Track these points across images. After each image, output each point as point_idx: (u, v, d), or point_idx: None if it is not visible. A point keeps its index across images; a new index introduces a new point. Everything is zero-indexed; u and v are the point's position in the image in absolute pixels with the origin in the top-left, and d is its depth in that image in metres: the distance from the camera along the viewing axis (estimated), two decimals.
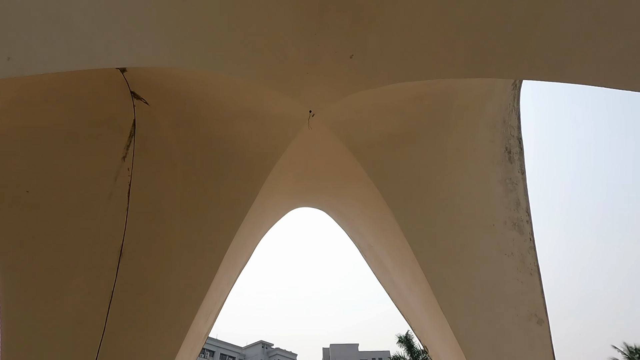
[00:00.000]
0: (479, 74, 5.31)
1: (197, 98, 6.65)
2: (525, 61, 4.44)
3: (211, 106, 6.83)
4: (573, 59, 4.04)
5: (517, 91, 7.00)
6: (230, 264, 7.93)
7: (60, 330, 6.64)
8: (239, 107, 6.75)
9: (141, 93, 6.65)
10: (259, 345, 57.64)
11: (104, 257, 7.08)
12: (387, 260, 8.54)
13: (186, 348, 7.21)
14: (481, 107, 7.20)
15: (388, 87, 6.00)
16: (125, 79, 6.31)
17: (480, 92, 6.96)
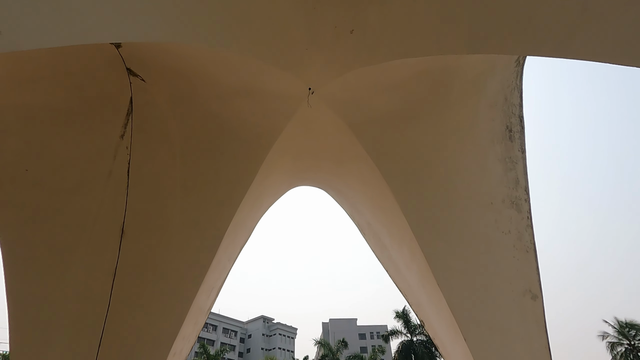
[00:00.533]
0: (482, 49, 5.19)
1: (194, 75, 6.54)
2: (530, 36, 4.33)
3: (208, 83, 6.72)
4: (579, 34, 3.94)
5: (520, 68, 6.88)
6: (230, 242, 8.04)
7: (66, 304, 6.80)
8: (236, 84, 6.65)
9: (137, 70, 6.53)
10: (260, 320, 59.28)
11: (106, 235, 7.17)
12: (385, 237, 8.65)
13: (190, 322, 7.42)
14: (483, 84, 7.09)
15: (389, 63, 5.89)
16: (121, 55, 6.18)
17: (483, 69, 6.83)
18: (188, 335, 7.81)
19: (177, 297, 7.24)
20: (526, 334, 6.79)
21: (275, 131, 7.51)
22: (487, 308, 6.75)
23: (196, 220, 7.57)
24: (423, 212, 7.16)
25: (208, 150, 7.50)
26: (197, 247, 7.47)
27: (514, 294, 6.83)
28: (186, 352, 8.23)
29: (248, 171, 7.47)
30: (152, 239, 7.49)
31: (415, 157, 7.50)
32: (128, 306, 7.10)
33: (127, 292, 7.16)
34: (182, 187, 7.53)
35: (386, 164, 7.39)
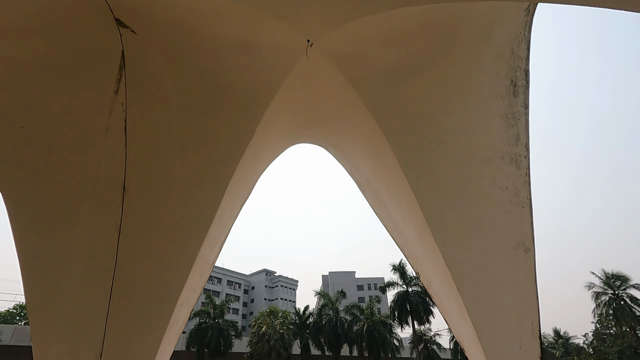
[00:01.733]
0: None
1: (187, 27, 6.23)
2: None
3: (202, 36, 6.43)
4: None
5: (530, 17, 6.54)
6: (231, 198, 8.15)
7: (75, 258, 7.06)
8: (232, 36, 6.36)
9: (127, 21, 6.21)
10: (263, 273, 61.86)
11: (108, 192, 7.25)
12: (384, 194, 8.76)
13: (195, 274, 7.75)
14: (489, 36, 6.79)
15: (391, 13, 5.59)
16: (108, 4, 5.84)
17: (490, 19, 6.50)
18: (194, 286, 8.20)
19: (182, 251, 7.48)
20: (517, 284, 7.13)
21: (273, 87, 7.31)
22: (481, 260, 7.02)
23: (196, 177, 7.61)
24: (422, 168, 7.19)
25: (205, 107, 7.36)
26: (198, 203, 7.59)
27: (508, 247, 7.07)
28: (193, 301, 8.68)
29: (246, 128, 7.39)
30: (154, 195, 7.59)
31: (416, 112, 7.38)
32: (135, 259, 7.36)
33: (133, 247, 7.39)
34: (180, 144, 7.48)
35: (386, 120, 7.29)
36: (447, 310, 8.11)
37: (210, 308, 30.20)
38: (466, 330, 7.40)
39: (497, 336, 6.97)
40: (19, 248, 6.94)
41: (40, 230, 6.97)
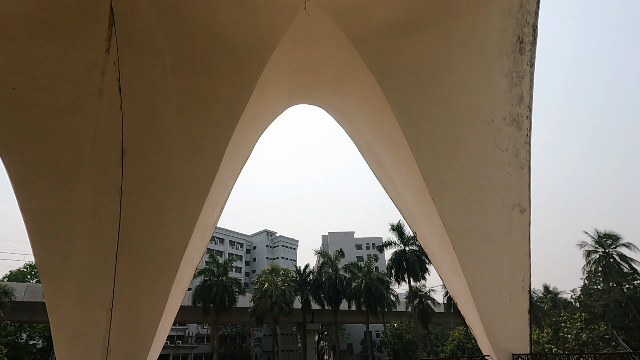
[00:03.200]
0: None
1: None
2: None
3: None
4: None
5: None
6: (231, 160, 8.15)
7: (79, 220, 7.19)
8: None
9: None
10: (264, 234, 63.42)
11: (107, 154, 7.23)
12: (383, 155, 8.75)
13: (197, 235, 7.94)
14: None
15: None
16: None
17: None
18: (197, 246, 8.44)
19: (184, 213, 7.62)
20: (511, 243, 7.34)
21: (271, 44, 7.04)
22: (477, 220, 7.17)
23: (195, 140, 7.56)
24: (422, 129, 7.12)
25: (200, 66, 7.13)
26: (198, 166, 7.60)
27: (504, 208, 7.19)
28: (197, 260, 8.98)
29: (244, 88, 7.21)
30: (153, 158, 7.57)
31: (418, 71, 7.17)
32: (138, 221, 7.51)
33: (136, 209, 7.51)
34: (177, 106, 7.34)
35: (387, 79, 7.10)
36: (442, 267, 8.42)
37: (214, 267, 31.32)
38: (460, 285, 7.73)
39: (489, 291, 7.30)
40: (23, 210, 7.05)
41: (42, 193, 7.04)
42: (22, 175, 6.95)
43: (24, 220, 7.14)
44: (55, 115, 6.85)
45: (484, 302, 7.20)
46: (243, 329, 42.57)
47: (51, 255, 7.22)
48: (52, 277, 7.33)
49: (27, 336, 31.66)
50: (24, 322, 28.55)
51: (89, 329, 7.25)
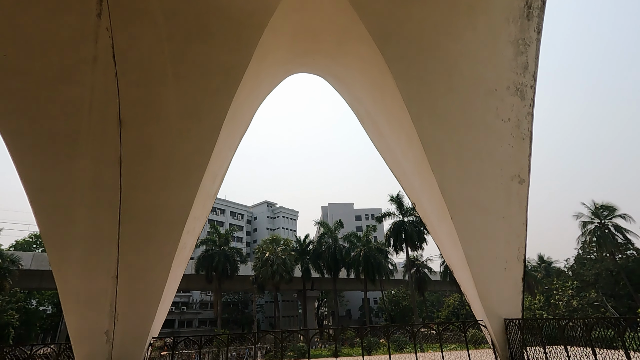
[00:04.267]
0: None
1: None
2: None
3: None
4: None
5: None
6: (230, 131, 8.07)
7: (80, 191, 7.22)
8: None
9: None
10: (264, 205, 64.05)
11: (104, 125, 7.14)
12: (384, 126, 8.66)
13: (198, 205, 8.01)
14: None
15: None
16: None
17: None
18: (199, 216, 8.54)
19: (185, 184, 7.64)
20: (508, 213, 7.42)
21: (269, 8, 6.77)
22: (476, 191, 7.21)
23: (193, 110, 7.44)
24: (424, 99, 7.00)
25: (196, 32, 6.89)
26: (197, 136, 7.53)
27: (503, 179, 7.20)
28: (199, 230, 9.12)
29: (241, 55, 7.01)
30: (152, 128, 7.49)
31: (421, 38, 6.94)
32: (139, 192, 7.55)
33: (136, 180, 7.52)
34: (173, 74, 7.17)
35: (390, 46, 6.89)
36: (440, 237, 8.57)
37: (216, 237, 31.88)
38: (456, 254, 7.90)
39: (485, 260, 7.47)
40: (24, 181, 7.07)
41: (41, 163, 7.02)
42: (20, 146, 6.90)
43: (26, 191, 7.18)
44: (49, 84, 6.70)
45: (479, 270, 7.38)
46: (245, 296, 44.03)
47: (55, 225, 7.32)
48: (57, 246, 7.47)
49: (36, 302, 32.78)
50: (33, 289, 29.46)
51: (96, 295, 7.49)
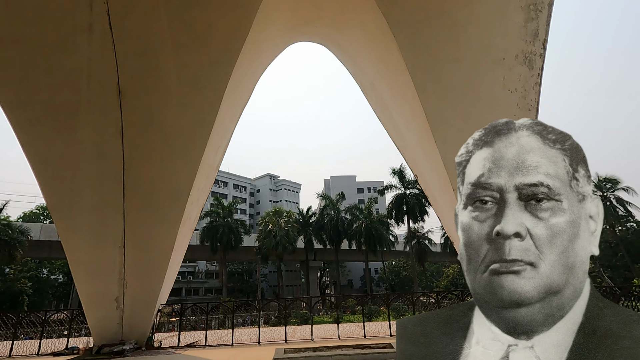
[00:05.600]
0: None
1: None
2: None
3: None
4: None
5: None
6: (231, 101, 7.96)
7: (83, 162, 7.25)
8: None
9: None
10: (267, 177, 64.23)
11: (104, 95, 7.05)
12: (387, 97, 8.50)
13: (201, 177, 8.05)
14: None
15: None
16: None
17: None
18: (202, 188, 8.61)
19: (187, 156, 7.63)
20: None
21: None
22: None
23: (193, 80, 7.30)
24: (429, 69, 6.82)
25: None
26: (198, 107, 7.45)
27: None
28: (202, 201, 9.22)
29: (242, 22, 6.78)
30: (152, 99, 7.40)
31: (428, 2, 6.67)
32: (142, 164, 7.57)
33: (139, 152, 7.52)
34: (172, 42, 6.98)
35: (395, 13, 6.63)
36: (442, 209, 8.63)
37: (219, 208, 32.23)
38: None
39: None
40: (26, 152, 7.09)
41: (42, 134, 7.01)
42: (20, 117, 6.87)
43: (30, 163, 7.21)
44: (46, 53, 6.57)
45: None
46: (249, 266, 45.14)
47: (60, 196, 7.41)
48: (63, 217, 7.61)
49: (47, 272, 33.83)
50: (43, 259, 30.30)
51: (104, 264, 7.70)
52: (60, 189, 7.32)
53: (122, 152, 7.29)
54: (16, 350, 8.10)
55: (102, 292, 7.74)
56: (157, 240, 7.75)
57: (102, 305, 7.78)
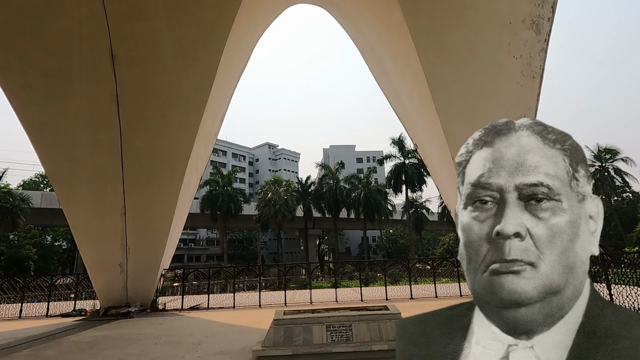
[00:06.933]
0: None
1: None
2: None
3: None
4: None
5: None
6: (228, 66, 7.75)
7: (79, 130, 7.17)
8: None
9: None
10: (266, 147, 63.90)
11: (97, 61, 6.85)
12: (389, 63, 8.27)
13: (199, 145, 7.99)
14: None
15: None
16: None
17: None
18: (201, 156, 8.58)
19: (184, 123, 7.53)
20: None
21: None
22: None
23: (188, 45, 7.06)
24: (432, 33, 6.59)
25: None
26: (194, 73, 7.26)
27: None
28: (201, 169, 9.22)
29: None
30: (147, 65, 7.19)
31: None
32: (139, 132, 7.48)
33: (135, 120, 7.41)
34: (165, 5, 6.68)
35: None
36: (440, 178, 8.66)
37: (219, 177, 32.33)
38: (456, 195, 8.05)
39: None
40: (21, 119, 6.99)
41: (37, 100, 6.87)
42: (12, 82, 6.71)
43: (26, 130, 7.12)
44: (35, 17, 6.31)
45: None
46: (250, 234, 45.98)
47: (59, 164, 7.39)
48: (64, 185, 7.63)
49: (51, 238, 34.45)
50: (46, 226, 30.74)
51: (107, 231, 7.83)
52: (58, 157, 7.29)
53: (119, 120, 7.19)
54: (25, 312, 8.43)
55: (106, 258, 7.92)
56: (158, 208, 7.83)
57: (106, 270, 8.00)
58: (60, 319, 7.91)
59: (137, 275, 8.06)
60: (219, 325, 6.54)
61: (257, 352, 3.80)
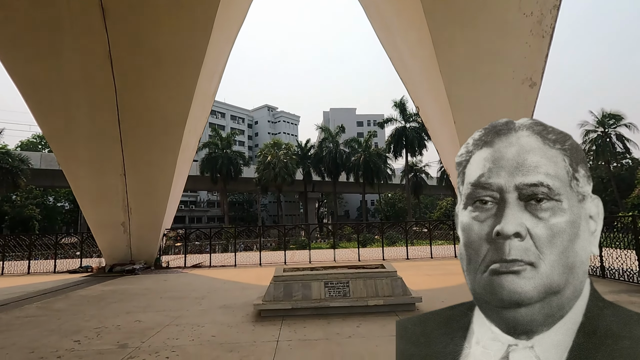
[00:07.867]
0: None
1: None
2: None
3: None
4: None
5: None
6: (225, 20, 7.41)
7: (73, 88, 6.99)
8: None
9: None
10: (265, 109, 62.83)
11: (86, 14, 6.53)
12: (393, 20, 7.91)
13: (197, 106, 7.84)
14: None
15: None
16: None
17: None
18: (199, 117, 8.45)
19: (181, 82, 7.33)
20: (513, 118, 7.27)
21: None
22: (484, 95, 6.95)
23: None
24: None
25: None
26: (189, 29, 6.95)
27: (514, 81, 6.87)
28: (200, 130, 9.12)
29: None
30: (140, 19, 6.87)
31: None
32: (135, 91, 7.30)
33: (130, 78, 7.20)
34: None
35: None
36: (441, 142, 8.60)
37: (218, 140, 32.11)
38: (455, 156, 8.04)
39: None
40: (12, 76, 6.79)
41: (25, 56, 6.64)
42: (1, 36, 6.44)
43: (18, 89, 6.94)
44: None
45: None
46: (250, 196, 46.51)
47: (55, 124, 7.30)
48: (62, 146, 7.58)
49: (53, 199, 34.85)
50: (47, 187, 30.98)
51: (107, 191, 7.89)
52: (54, 116, 7.18)
53: (113, 78, 7.00)
54: (33, 269, 8.72)
55: (108, 218, 8.06)
56: (157, 168, 7.84)
57: (109, 230, 8.16)
58: (68, 275, 8.20)
59: (140, 234, 8.24)
60: (221, 282, 6.79)
61: (257, 305, 3.98)
